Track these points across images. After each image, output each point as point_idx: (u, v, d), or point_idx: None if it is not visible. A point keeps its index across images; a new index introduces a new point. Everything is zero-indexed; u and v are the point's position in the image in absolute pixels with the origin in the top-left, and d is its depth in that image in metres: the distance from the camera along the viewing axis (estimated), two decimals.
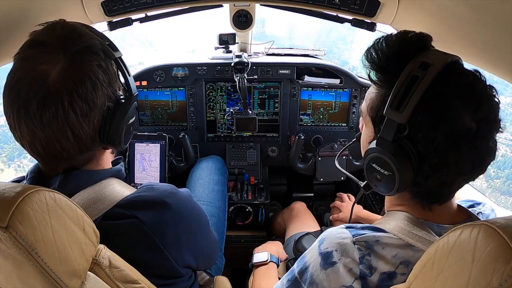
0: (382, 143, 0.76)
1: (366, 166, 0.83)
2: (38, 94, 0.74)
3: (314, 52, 2.37)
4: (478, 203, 0.95)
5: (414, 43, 0.78)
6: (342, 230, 0.84)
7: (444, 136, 0.70)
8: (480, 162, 0.74)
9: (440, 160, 0.72)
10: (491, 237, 0.50)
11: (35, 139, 0.77)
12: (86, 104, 0.78)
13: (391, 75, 0.76)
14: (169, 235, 0.86)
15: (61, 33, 0.80)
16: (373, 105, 0.82)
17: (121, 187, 0.89)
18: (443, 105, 0.71)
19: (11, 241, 0.55)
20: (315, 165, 2.06)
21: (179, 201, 0.91)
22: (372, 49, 0.80)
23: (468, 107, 0.70)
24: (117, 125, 0.85)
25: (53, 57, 0.76)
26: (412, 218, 0.82)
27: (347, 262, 0.79)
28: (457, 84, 0.72)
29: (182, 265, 0.92)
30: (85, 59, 0.79)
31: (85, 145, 0.82)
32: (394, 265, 0.78)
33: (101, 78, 0.81)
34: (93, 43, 0.82)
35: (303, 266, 0.88)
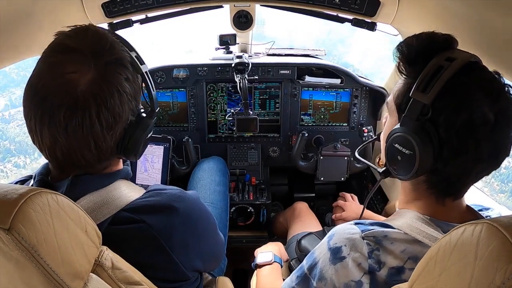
0: (406, 122, 0.80)
1: (387, 148, 0.86)
2: (65, 102, 0.73)
3: (314, 52, 2.37)
4: (486, 208, 0.96)
5: (442, 42, 0.83)
6: (351, 226, 0.86)
7: (464, 122, 0.74)
8: (496, 153, 0.77)
9: (460, 144, 0.75)
10: (494, 236, 0.50)
11: (56, 146, 0.76)
12: (112, 117, 0.77)
13: (418, 66, 0.81)
14: (177, 239, 0.86)
15: (93, 41, 0.79)
16: (400, 93, 0.87)
17: (128, 190, 0.88)
18: (465, 92, 0.75)
19: (13, 243, 0.55)
20: (316, 163, 2.06)
21: (187, 205, 0.91)
22: (403, 43, 0.86)
23: (487, 98, 0.74)
24: (137, 139, 0.86)
25: (83, 66, 0.75)
26: (422, 217, 0.84)
27: (356, 257, 0.80)
28: (479, 77, 0.77)
29: (190, 269, 0.91)
30: (115, 71, 0.78)
31: (105, 155, 0.83)
32: (403, 260, 0.79)
33: (128, 91, 0.80)
34: (123, 55, 0.82)
35: (313, 262, 0.90)
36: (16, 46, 1.19)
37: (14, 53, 1.20)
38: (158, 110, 0.95)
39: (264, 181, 2.17)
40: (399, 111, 0.87)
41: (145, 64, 0.89)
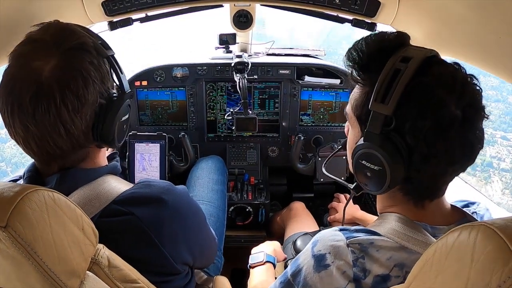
0: (370, 137, 0.76)
1: (354, 165, 0.82)
2: (31, 89, 0.75)
3: (314, 52, 2.37)
4: (472, 202, 0.95)
5: (393, 40, 0.79)
6: (336, 233, 0.83)
7: (431, 125, 0.71)
8: (470, 150, 0.75)
9: (430, 149, 0.72)
10: (490, 238, 0.50)
11: (29, 135, 0.78)
12: (77, 100, 0.79)
13: (373, 72, 0.77)
14: (165, 231, 0.87)
15: (55, 31, 0.83)
16: (358, 104, 0.83)
17: (117, 183, 0.89)
18: (426, 94, 0.71)
19: (10, 240, 0.55)
20: (315, 165, 2.06)
21: (176, 198, 0.91)
22: (352, 49, 0.82)
23: (452, 95, 0.71)
24: (110, 122, 0.87)
25: (46, 54, 0.78)
26: (405, 219, 0.82)
27: (340, 264, 0.79)
28: (439, 73, 0.73)
29: (179, 262, 0.92)
30: (77, 56, 0.81)
31: (78, 141, 0.83)
32: (388, 268, 0.77)
33: (93, 75, 0.82)
34: (85, 40, 0.84)
35: (296, 269, 0.88)
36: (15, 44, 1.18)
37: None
38: (128, 92, 0.95)
39: (263, 180, 2.17)
40: (360, 123, 0.83)
41: (111, 49, 0.91)
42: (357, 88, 0.85)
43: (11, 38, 1.12)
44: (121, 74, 0.93)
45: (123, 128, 0.95)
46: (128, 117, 0.97)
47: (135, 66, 2.18)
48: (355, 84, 0.85)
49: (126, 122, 0.96)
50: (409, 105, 0.72)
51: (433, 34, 1.32)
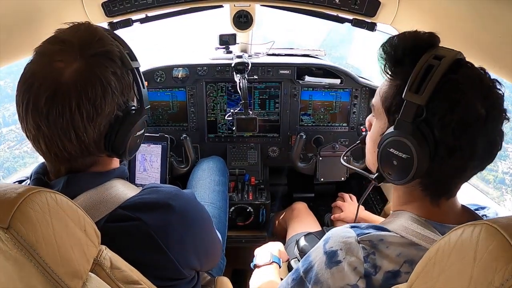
0: (401, 125, 0.79)
1: (381, 153, 0.84)
2: (48, 90, 0.74)
3: (314, 52, 2.37)
4: (482, 207, 0.96)
5: (426, 39, 0.82)
6: (347, 230, 0.85)
7: (458, 119, 0.74)
8: (490, 148, 0.78)
9: (455, 142, 0.75)
10: (493, 237, 0.50)
11: (39, 134, 0.78)
12: (93, 108, 0.77)
13: (406, 66, 0.80)
14: (173, 237, 0.86)
15: (84, 34, 0.81)
16: (387, 95, 0.85)
17: (124, 188, 0.89)
18: (457, 90, 0.75)
19: (12, 241, 0.55)
20: (316, 164, 2.06)
21: (183, 203, 0.91)
22: (387, 44, 0.85)
23: (478, 95, 0.74)
24: (123, 135, 0.85)
25: (70, 56, 0.77)
26: (417, 218, 0.83)
27: (351, 261, 0.80)
28: (468, 74, 0.77)
29: (186, 267, 0.91)
30: (100, 63, 0.79)
31: (88, 149, 0.82)
32: (399, 264, 0.78)
33: (114, 85, 0.80)
34: (111, 49, 0.82)
35: (308, 265, 0.89)
36: (16, 45, 1.18)
37: (14, 52, 1.20)
38: (148, 107, 0.93)
39: (264, 181, 2.17)
40: (389, 114, 0.86)
41: (137, 61, 0.89)
42: (387, 81, 0.87)
43: (11, 38, 1.12)
44: (142, 88, 0.91)
45: (136, 142, 0.93)
46: (143, 132, 0.95)
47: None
48: (386, 77, 0.88)
49: (140, 137, 0.94)
50: (440, 99, 0.75)
51: None
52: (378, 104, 0.89)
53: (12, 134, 6.58)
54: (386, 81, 0.88)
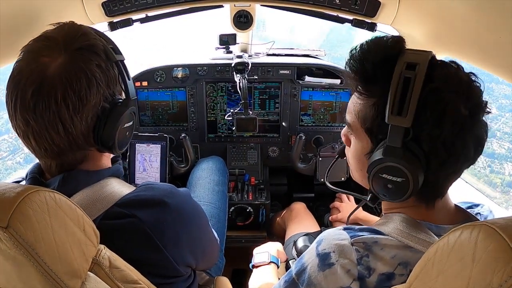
0: (391, 151, 0.75)
1: (373, 178, 0.81)
2: (34, 83, 0.76)
3: (314, 52, 2.37)
4: (476, 204, 0.95)
5: (393, 46, 0.79)
6: (340, 232, 0.84)
7: (448, 130, 0.72)
8: (480, 144, 0.77)
9: (448, 153, 0.73)
10: (491, 238, 0.50)
11: (28, 129, 0.79)
12: (78, 99, 0.79)
13: (380, 83, 0.77)
14: (168, 234, 0.86)
15: (68, 31, 0.84)
16: (366, 116, 0.81)
17: (120, 186, 0.89)
18: (439, 100, 0.72)
19: (11, 241, 0.56)
20: (315, 165, 2.06)
21: (179, 201, 0.91)
22: (353, 60, 0.81)
23: (460, 97, 0.72)
24: (111, 127, 0.86)
25: (55, 51, 0.79)
26: (410, 219, 0.82)
27: (345, 263, 0.79)
28: (444, 76, 0.74)
29: (182, 264, 0.91)
30: (85, 57, 0.81)
31: (76, 142, 0.83)
32: (393, 266, 0.77)
33: (98, 77, 0.82)
34: (95, 43, 0.84)
35: (301, 267, 0.88)
36: (16, 45, 1.18)
37: (14, 52, 1.20)
38: (134, 98, 0.94)
39: (263, 181, 2.17)
40: (371, 135, 0.82)
41: (121, 54, 0.90)
42: (360, 99, 0.83)
43: (11, 38, 1.12)
44: (128, 80, 0.92)
45: (125, 134, 0.93)
46: (132, 124, 0.95)
47: (136, 66, 2.18)
48: (360, 96, 0.83)
49: (129, 129, 0.95)
50: (425, 114, 0.72)
51: (433, 34, 1.32)
52: (356, 124, 0.85)
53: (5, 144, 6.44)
54: (358, 98, 0.83)
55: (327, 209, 2.16)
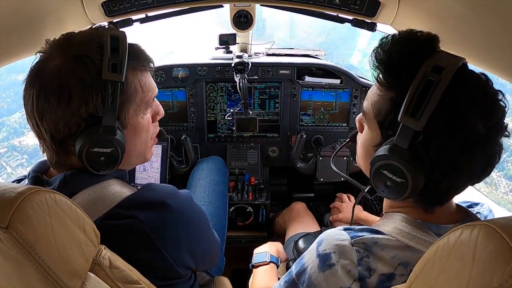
0: (397, 150, 0.73)
1: (374, 172, 0.79)
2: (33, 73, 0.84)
3: (314, 52, 2.37)
4: (476, 203, 0.95)
5: (424, 43, 0.76)
6: (340, 232, 0.84)
7: (458, 143, 0.70)
8: (489, 165, 0.75)
9: (453, 166, 0.72)
10: (492, 237, 0.50)
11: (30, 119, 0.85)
12: (47, 103, 0.80)
13: (402, 78, 0.74)
14: (168, 236, 0.86)
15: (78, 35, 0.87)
16: (381, 109, 0.79)
17: (121, 187, 0.89)
18: (458, 112, 0.70)
19: (11, 241, 0.56)
20: (316, 164, 2.06)
21: (180, 202, 0.91)
22: (380, 48, 0.78)
23: (481, 114, 0.70)
24: (79, 145, 0.82)
25: (55, 52, 0.84)
26: (411, 219, 0.82)
27: (345, 264, 0.79)
28: (471, 89, 0.71)
29: (182, 266, 0.91)
30: (71, 65, 0.81)
31: (61, 146, 0.85)
32: (393, 266, 0.77)
33: (74, 90, 0.80)
34: (89, 54, 0.82)
35: (301, 268, 0.88)
36: (16, 45, 1.18)
37: (14, 52, 1.20)
38: (112, 126, 0.83)
39: (263, 181, 2.17)
40: (381, 128, 0.81)
41: (120, 74, 0.82)
42: (379, 89, 0.81)
43: (12, 38, 1.12)
44: (110, 104, 0.82)
45: (97, 158, 0.83)
46: (112, 152, 0.85)
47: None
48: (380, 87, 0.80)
49: (105, 155, 0.84)
50: (439, 122, 0.70)
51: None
52: (370, 113, 0.84)
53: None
54: (378, 89, 0.81)
55: (327, 209, 2.16)
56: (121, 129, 0.87)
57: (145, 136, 0.97)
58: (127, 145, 0.88)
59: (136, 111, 0.91)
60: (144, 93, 0.93)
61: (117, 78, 0.82)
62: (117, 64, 0.82)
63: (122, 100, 0.85)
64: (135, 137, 0.93)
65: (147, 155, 1.02)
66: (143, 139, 0.97)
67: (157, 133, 1.06)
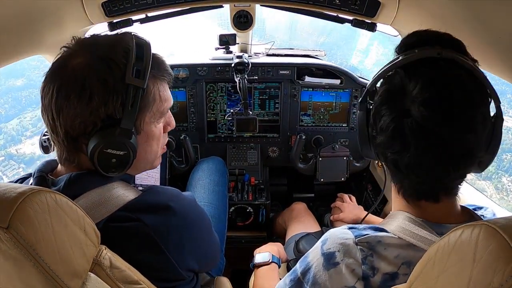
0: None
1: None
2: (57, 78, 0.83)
3: (314, 52, 2.37)
4: (480, 207, 0.95)
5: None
6: (345, 231, 0.85)
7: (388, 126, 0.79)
8: (449, 164, 0.75)
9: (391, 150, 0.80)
10: (492, 237, 0.50)
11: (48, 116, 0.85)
12: (66, 100, 0.80)
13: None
14: (172, 239, 0.86)
15: (105, 37, 0.89)
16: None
17: (125, 190, 0.88)
18: (396, 100, 0.79)
19: (12, 241, 0.56)
20: (315, 165, 2.06)
21: (183, 205, 0.91)
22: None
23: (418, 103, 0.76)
24: (92, 145, 0.82)
25: (82, 50, 0.84)
26: (413, 218, 0.83)
27: (349, 262, 0.80)
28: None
29: (185, 269, 0.91)
30: (96, 66, 0.81)
31: (74, 145, 0.85)
32: (397, 266, 0.78)
33: (95, 90, 0.80)
34: (115, 57, 0.82)
35: (306, 266, 0.89)
36: (16, 45, 1.19)
37: (14, 52, 1.20)
38: (130, 129, 0.85)
39: (263, 181, 2.17)
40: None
41: (142, 80, 0.83)
42: None
43: (11, 38, 1.12)
44: (130, 108, 0.83)
45: (109, 159, 0.84)
46: (125, 156, 0.85)
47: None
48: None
49: (117, 157, 0.85)
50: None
51: None
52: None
53: None
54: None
55: (327, 209, 2.16)
56: (135, 134, 0.88)
57: (155, 145, 0.98)
58: (139, 151, 0.89)
59: (151, 119, 0.92)
60: (161, 102, 0.93)
61: (139, 84, 0.83)
62: (141, 71, 0.84)
63: (140, 106, 0.86)
64: (146, 144, 0.94)
65: (155, 163, 1.04)
66: (154, 148, 0.98)
67: (165, 143, 1.07)
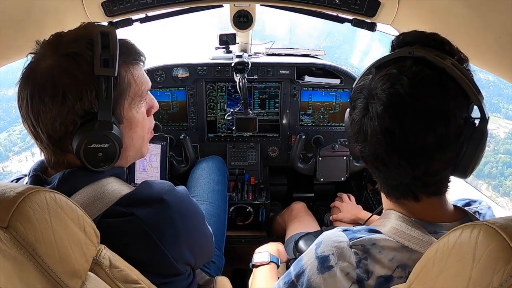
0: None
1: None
2: (28, 83, 0.83)
3: (314, 52, 2.37)
4: (474, 200, 0.95)
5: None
6: (339, 233, 0.84)
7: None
8: (413, 163, 0.76)
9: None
10: (492, 237, 0.50)
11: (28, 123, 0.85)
12: (42, 104, 0.80)
13: None
14: (167, 232, 0.87)
15: (69, 33, 0.86)
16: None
17: (119, 185, 0.89)
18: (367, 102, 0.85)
19: (11, 241, 0.56)
20: (315, 165, 2.06)
21: (176, 198, 0.91)
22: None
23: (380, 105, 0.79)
24: (76, 141, 0.82)
25: (48, 52, 0.83)
26: (405, 217, 0.82)
27: (344, 266, 0.79)
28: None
29: (181, 262, 0.92)
30: (65, 64, 0.81)
31: (59, 145, 0.85)
32: (391, 269, 0.77)
33: (67, 87, 0.80)
34: (81, 52, 0.81)
35: (300, 270, 0.88)
36: (16, 45, 1.19)
37: (14, 52, 1.20)
38: (107, 121, 0.84)
39: (263, 180, 2.17)
40: None
41: (112, 68, 0.82)
42: None
43: (11, 37, 1.12)
44: (104, 99, 0.82)
45: (95, 154, 0.84)
46: (109, 147, 0.85)
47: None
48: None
49: (102, 150, 0.84)
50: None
51: None
52: None
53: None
54: None
55: (327, 209, 2.16)
56: (117, 124, 0.88)
57: (141, 131, 0.97)
58: (124, 140, 0.90)
59: (130, 105, 0.91)
60: (137, 86, 0.92)
61: (109, 73, 0.82)
62: (109, 59, 0.82)
63: (116, 95, 0.86)
64: (131, 132, 0.94)
65: (143, 150, 1.03)
66: (139, 134, 0.97)
67: (153, 127, 1.07)
